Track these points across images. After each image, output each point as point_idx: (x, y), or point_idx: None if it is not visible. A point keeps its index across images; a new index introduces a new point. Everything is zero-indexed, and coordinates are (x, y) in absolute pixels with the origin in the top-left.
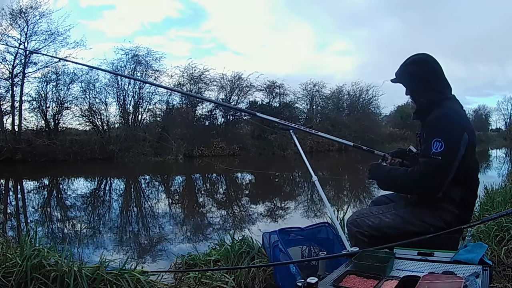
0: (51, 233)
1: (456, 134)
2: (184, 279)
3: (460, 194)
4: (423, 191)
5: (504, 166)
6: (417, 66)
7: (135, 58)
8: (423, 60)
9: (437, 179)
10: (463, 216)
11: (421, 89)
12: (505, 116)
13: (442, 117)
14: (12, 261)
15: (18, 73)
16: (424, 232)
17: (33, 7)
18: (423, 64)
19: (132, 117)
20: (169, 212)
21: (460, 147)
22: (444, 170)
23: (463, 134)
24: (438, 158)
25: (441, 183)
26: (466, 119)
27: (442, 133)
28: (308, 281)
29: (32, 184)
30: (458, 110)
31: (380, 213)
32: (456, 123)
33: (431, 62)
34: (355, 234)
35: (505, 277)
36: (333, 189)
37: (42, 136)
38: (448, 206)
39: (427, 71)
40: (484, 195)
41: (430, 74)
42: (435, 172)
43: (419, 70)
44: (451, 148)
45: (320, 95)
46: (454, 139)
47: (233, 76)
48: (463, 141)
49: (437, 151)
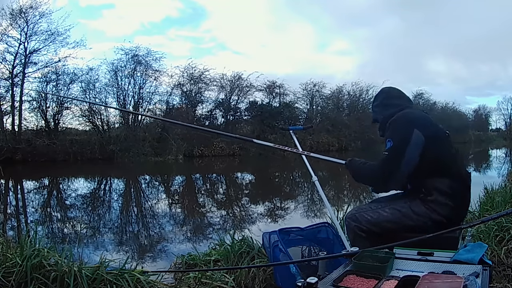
0: (51, 233)
1: (403, 132)
2: (184, 279)
3: (447, 184)
4: (378, 179)
5: (504, 166)
6: (376, 98)
7: (135, 58)
8: (379, 92)
9: (387, 169)
10: (458, 208)
11: (381, 108)
12: (505, 116)
13: (392, 121)
14: (12, 261)
15: (18, 73)
16: (422, 226)
17: (33, 7)
18: (379, 94)
19: (132, 117)
20: (169, 212)
21: (408, 143)
22: (391, 163)
23: (413, 131)
24: (385, 153)
25: (392, 172)
26: (420, 118)
27: (391, 134)
28: (308, 281)
29: (32, 184)
30: (412, 112)
31: (379, 208)
32: (404, 123)
33: (386, 89)
34: (353, 228)
35: (505, 277)
36: (333, 189)
37: (42, 136)
38: (439, 197)
39: (384, 97)
40: (484, 195)
41: (386, 97)
42: (384, 165)
43: (379, 99)
44: (398, 145)
45: (320, 95)
46: (401, 137)
47: (233, 76)
48: (413, 137)
49: (387, 148)
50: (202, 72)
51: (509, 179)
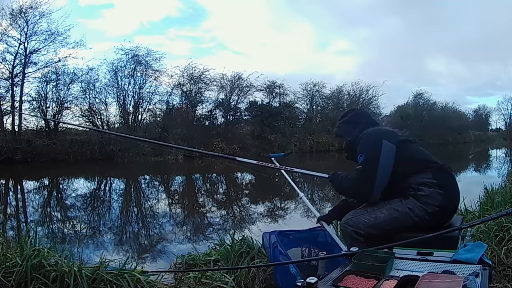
0: (51, 233)
1: (373, 145)
2: (184, 279)
3: (432, 176)
4: (357, 192)
5: (504, 166)
6: (346, 114)
7: (135, 58)
8: (350, 110)
9: (363, 182)
10: (450, 195)
11: (348, 126)
12: (505, 116)
13: (361, 138)
14: (12, 261)
15: (18, 73)
16: (420, 221)
17: (33, 7)
18: (350, 111)
19: (132, 117)
20: (169, 212)
21: (379, 154)
22: (367, 175)
23: (381, 142)
24: (359, 167)
25: (368, 184)
26: (387, 131)
27: (362, 149)
28: (308, 281)
29: (32, 184)
30: (378, 128)
31: (375, 209)
32: (372, 137)
33: (357, 109)
34: (351, 233)
35: (505, 277)
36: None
37: (42, 136)
38: (428, 190)
39: (353, 115)
40: (484, 195)
41: (356, 115)
42: (360, 176)
43: (348, 115)
44: (370, 157)
45: (320, 95)
46: (372, 149)
47: (233, 76)
48: (384, 147)
49: (360, 162)
50: (202, 72)
51: (509, 179)
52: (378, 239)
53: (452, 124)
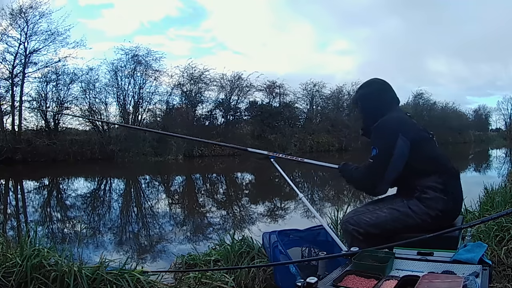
0: (51, 233)
1: (387, 139)
2: (184, 279)
3: (439, 181)
4: (365, 186)
5: (504, 166)
6: (364, 89)
7: (135, 58)
8: (368, 84)
9: (372, 177)
10: (454, 201)
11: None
12: (505, 116)
13: (376, 128)
14: (12, 261)
15: (18, 73)
16: (421, 223)
17: (33, 7)
18: (370, 84)
19: (132, 117)
20: (169, 212)
21: (393, 154)
22: (376, 170)
23: (397, 138)
24: (370, 161)
25: (377, 180)
26: (404, 122)
27: (375, 141)
28: (308, 281)
29: (32, 184)
30: (395, 117)
31: (377, 209)
32: (387, 129)
33: (376, 83)
34: (351, 232)
35: (505, 277)
36: (333, 189)
37: (42, 136)
38: (433, 194)
39: (375, 90)
40: (484, 195)
41: (378, 91)
42: (369, 171)
43: (368, 89)
44: (382, 155)
45: (320, 95)
46: (386, 146)
47: (233, 76)
48: (398, 145)
49: (372, 155)
50: (202, 72)
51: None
52: (378, 238)
53: (452, 124)
